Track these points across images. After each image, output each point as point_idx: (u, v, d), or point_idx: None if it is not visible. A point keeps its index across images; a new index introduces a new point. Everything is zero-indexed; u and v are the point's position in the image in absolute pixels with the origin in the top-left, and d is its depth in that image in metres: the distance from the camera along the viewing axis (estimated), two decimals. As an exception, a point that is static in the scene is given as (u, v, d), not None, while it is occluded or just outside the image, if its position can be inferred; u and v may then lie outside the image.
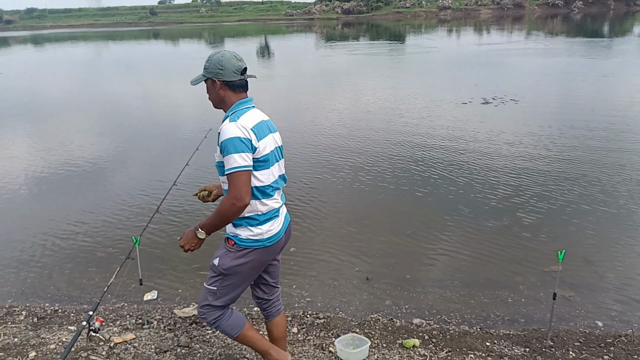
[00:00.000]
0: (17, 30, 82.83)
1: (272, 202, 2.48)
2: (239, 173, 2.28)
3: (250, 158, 2.32)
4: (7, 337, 3.57)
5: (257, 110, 2.53)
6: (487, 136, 8.76)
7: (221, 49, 2.51)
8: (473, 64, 19.52)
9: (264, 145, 2.39)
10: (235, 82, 2.45)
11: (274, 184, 2.49)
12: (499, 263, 4.65)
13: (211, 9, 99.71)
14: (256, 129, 2.37)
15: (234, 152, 2.27)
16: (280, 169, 2.58)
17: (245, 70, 2.48)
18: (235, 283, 2.52)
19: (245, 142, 2.30)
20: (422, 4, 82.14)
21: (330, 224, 5.59)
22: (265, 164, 2.41)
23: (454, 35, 38.90)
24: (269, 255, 2.56)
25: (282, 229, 2.56)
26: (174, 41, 45.23)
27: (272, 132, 2.54)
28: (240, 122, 2.34)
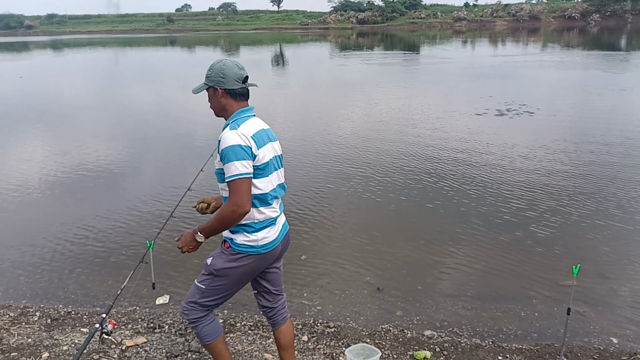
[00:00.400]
0: (38, 36, 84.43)
1: (269, 210, 2.50)
2: (240, 180, 2.30)
3: (251, 165, 2.35)
4: (21, 338, 3.62)
5: (257, 119, 2.56)
6: (500, 148, 8.71)
7: (223, 58, 2.53)
8: (488, 76, 19.46)
9: (264, 154, 2.42)
10: (237, 90, 2.49)
11: (272, 192, 2.50)
12: (511, 276, 4.61)
13: (227, 17, 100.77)
14: (256, 137, 2.40)
15: (234, 160, 2.30)
16: (279, 177, 2.59)
17: (247, 79, 2.52)
18: (225, 286, 2.54)
19: (245, 149, 2.32)
20: (437, 15, 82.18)
21: (341, 233, 5.59)
22: (264, 172, 2.43)
23: (469, 47, 38.86)
24: (263, 262, 2.56)
25: (278, 237, 2.57)
26: (190, 48, 45.75)
27: (272, 141, 2.56)
28: (240, 130, 2.37)
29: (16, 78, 22.70)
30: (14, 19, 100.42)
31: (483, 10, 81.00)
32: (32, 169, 8.24)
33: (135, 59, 35.54)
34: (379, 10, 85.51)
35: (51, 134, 11.14)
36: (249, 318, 3.92)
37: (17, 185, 7.41)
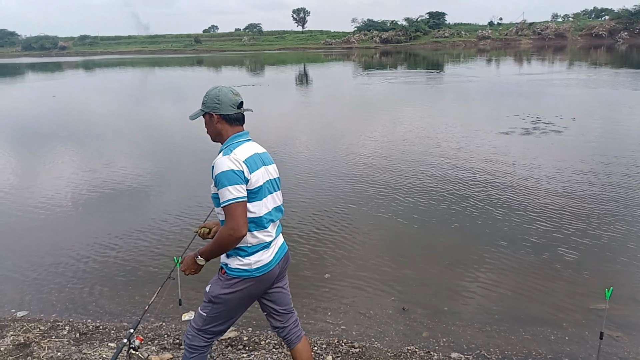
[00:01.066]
0: (71, 56, 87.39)
1: (263, 234, 2.52)
2: (235, 205, 2.34)
3: (244, 189, 2.38)
4: (51, 351, 3.69)
5: (251, 143, 2.60)
6: (526, 168, 8.58)
7: (219, 85, 2.59)
8: (513, 94, 19.29)
9: (257, 178, 2.45)
10: (232, 115, 2.53)
11: (267, 215, 2.52)
12: (540, 299, 4.51)
13: (253, 37, 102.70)
14: (249, 162, 2.44)
15: (228, 185, 2.34)
16: (275, 200, 2.62)
17: (242, 105, 2.57)
18: (224, 312, 2.57)
19: (238, 174, 2.37)
20: (461, 34, 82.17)
21: (364, 252, 5.56)
22: (257, 195, 2.46)
23: (494, 65, 38.66)
24: (259, 286, 2.57)
25: (273, 260, 2.58)
26: (216, 68, 46.68)
27: (266, 165, 2.59)
28: (233, 155, 2.41)
29: (49, 97, 23.48)
30: (49, 40, 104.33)
31: (508, 28, 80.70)
32: (62, 185, 8.46)
33: (163, 79, 36.41)
34: (402, 29, 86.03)
35: (81, 151, 11.45)
36: (273, 336, 3.92)
37: (48, 201, 7.62)
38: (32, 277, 5.17)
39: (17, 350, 3.70)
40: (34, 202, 7.56)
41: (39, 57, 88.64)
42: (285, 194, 4.34)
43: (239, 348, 3.73)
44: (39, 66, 58.53)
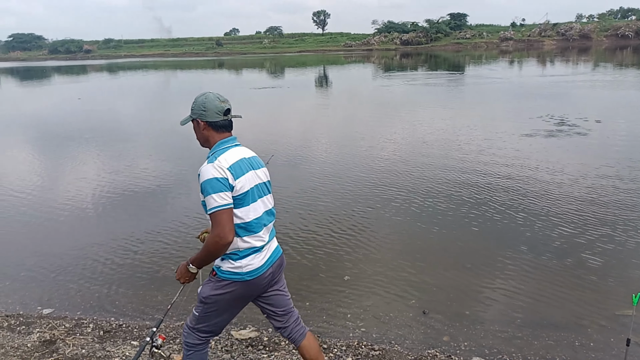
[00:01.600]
0: (95, 59, 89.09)
1: (254, 239, 2.54)
2: (220, 212, 2.37)
3: (229, 196, 2.41)
4: (75, 348, 3.76)
5: (238, 149, 2.61)
6: (550, 171, 8.44)
7: (207, 91, 2.61)
8: (536, 96, 19.00)
9: (242, 184, 2.47)
10: (219, 122, 2.56)
11: (257, 220, 2.54)
12: (563, 304, 4.43)
13: (273, 40, 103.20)
14: (233, 168, 2.46)
15: (212, 193, 2.38)
16: (266, 204, 2.64)
17: (229, 112, 2.59)
18: (216, 312, 2.61)
19: (222, 181, 2.39)
20: (483, 35, 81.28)
21: (383, 255, 5.54)
22: (243, 201, 2.48)
23: (516, 66, 38.13)
24: (251, 289, 2.59)
25: (265, 264, 2.59)
26: (237, 71, 47.05)
27: (255, 169, 2.61)
28: (217, 162, 2.44)
29: (75, 100, 23.97)
30: (74, 44, 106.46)
31: (531, 29, 79.52)
32: (86, 186, 8.63)
33: (185, 82, 36.85)
34: (423, 31, 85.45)
35: (104, 153, 11.65)
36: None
37: (71, 202, 7.78)
38: (57, 276, 5.28)
39: (43, 347, 3.79)
40: (58, 203, 7.73)
41: (65, 60, 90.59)
42: (303, 197, 4.42)
43: (259, 348, 3.75)
44: (64, 69, 59.82)
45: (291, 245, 5.78)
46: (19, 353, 3.68)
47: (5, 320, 4.30)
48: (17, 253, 5.90)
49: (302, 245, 5.78)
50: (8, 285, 5.12)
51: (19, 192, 8.30)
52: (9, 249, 6.05)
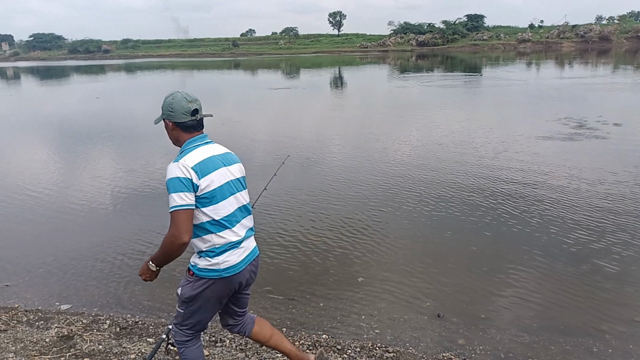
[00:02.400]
0: (114, 59, 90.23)
1: (230, 234, 2.55)
2: (177, 212, 2.37)
3: (190, 197, 2.40)
4: (92, 344, 3.81)
5: (208, 146, 2.60)
6: (567, 175, 8.32)
7: (175, 91, 2.62)
8: (554, 98, 18.77)
9: (208, 182, 2.46)
10: (186, 123, 2.57)
11: (230, 217, 2.55)
12: (581, 310, 4.36)
13: (289, 41, 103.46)
14: (199, 167, 2.45)
15: (172, 192, 2.38)
16: (239, 200, 2.63)
17: (197, 112, 2.58)
18: (199, 311, 2.63)
19: (184, 181, 2.39)
20: (500, 37, 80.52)
21: (397, 257, 5.51)
22: (212, 199, 2.48)
23: (534, 68, 37.70)
24: (229, 285, 2.60)
25: (242, 262, 2.60)
26: (252, 71, 47.26)
27: (227, 166, 2.60)
28: (182, 162, 2.45)
29: (93, 99, 24.29)
30: (93, 44, 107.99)
31: (549, 31, 78.59)
32: (102, 185, 8.74)
33: (201, 81, 37.13)
34: (439, 32, 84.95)
35: (121, 152, 11.78)
36: (307, 337, 3.93)
37: (89, 200, 7.89)
38: (74, 273, 5.36)
39: (61, 342, 3.84)
40: (76, 201, 7.84)
41: (84, 59, 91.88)
42: (317, 198, 4.35)
43: (273, 348, 3.75)
44: (83, 68, 60.67)
45: (305, 247, 5.78)
46: (38, 347, 3.74)
47: (24, 315, 4.38)
48: (37, 250, 6.00)
49: (316, 246, 5.78)
50: (27, 280, 5.20)
51: (38, 190, 8.44)
52: (29, 245, 6.15)
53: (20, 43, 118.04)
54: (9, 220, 7.05)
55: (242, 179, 2.72)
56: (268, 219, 6.62)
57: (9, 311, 4.47)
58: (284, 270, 5.22)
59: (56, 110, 20.91)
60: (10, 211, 7.43)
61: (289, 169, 8.18)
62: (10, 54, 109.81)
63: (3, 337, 3.92)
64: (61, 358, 3.56)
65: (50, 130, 15.41)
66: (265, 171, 8.65)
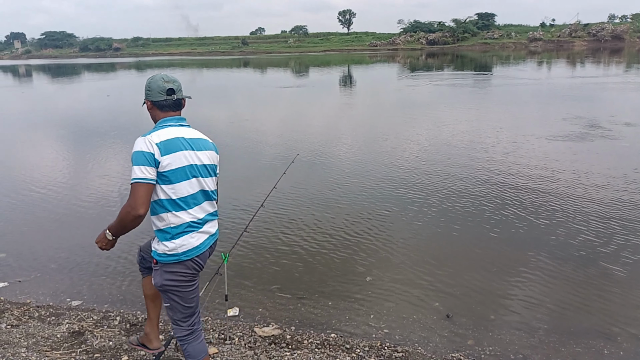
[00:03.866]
0: (124, 57, 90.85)
1: (186, 215, 2.59)
2: (136, 185, 2.44)
3: (151, 171, 2.46)
4: (103, 340, 3.84)
5: (179, 128, 2.66)
6: (577, 176, 8.23)
7: (156, 73, 2.72)
8: (566, 97, 18.61)
9: (169, 161, 2.51)
10: (161, 102, 2.65)
11: (188, 198, 2.58)
12: (591, 312, 4.32)
13: (299, 39, 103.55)
14: (164, 145, 2.51)
15: (134, 165, 2.46)
16: (202, 185, 2.65)
17: (172, 92, 2.65)
18: (178, 296, 2.68)
19: (147, 156, 2.46)
20: (511, 36, 79.98)
21: (405, 257, 5.49)
22: (171, 178, 2.53)
23: (545, 67, 37.40)
24: (194, 266, 2.66)
25: (202, 245, 2.66)
26: (262, 69, 47.36)
27: (196, 150, 2.64)
28: (149, 137, 2.52)
29: (104, 96, 24.48)
30: (104, 42, 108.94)
31: (560, 30, 77.98)
32: (114, 182, 8.79)
33: (210, 79, 37.26)
34: (449, 30, 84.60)
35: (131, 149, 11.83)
36: (315, 336, 3.94)
37: (100, 197, 7.94)
38: (85, 269, 5.40)
39: (72, 338, 3.88)
40: (87, 198, 7.90)
41: (95, 57, 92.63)
42: (326, 197, 4.25)
43: (282, 346, 3.77)
44: (94, 66, 61.15)
45: (313, 245, 5.79)
46: (49, 343, 3.78)
47: (36, 311, 4.42)
48: (48, 246, 6.06)
49: (325, 245, 5.78)
50: (39, 277, 5.26)
51: (49, 188, 8.52)
52: (41, 242, 6.22)
53: (32, 41, 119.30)
54: (21, 217, 7.13)
55: (211, 166, 2.75)
56: (277, 217, 6.63)
57: (21, 307, 4.53)
58: (292, 269, 5.22)
59: (67, 108, 21.10)
60: (22, 208, 7.51)
61: (298, 168, 8.19)
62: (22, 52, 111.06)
63: (15, 332, 3.96)
64: (72, 354, 3.59)
65: (61, 127, 15.54)
66: (275, 169, 8.69)
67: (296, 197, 7.49)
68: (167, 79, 2.66)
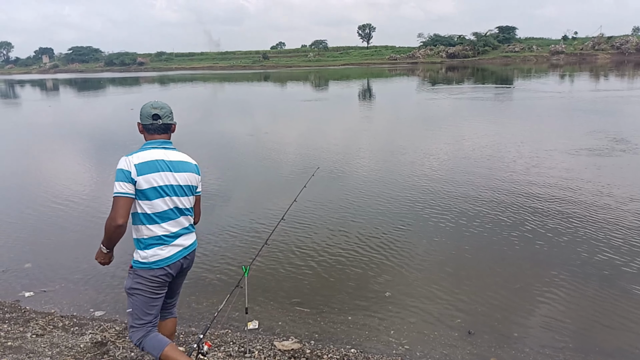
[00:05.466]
0: (148, 71, 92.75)
1: (158, 228, 2.88)
2: (116, 198, 2.76)
3: (129, 187, 2.77)
4: (125, 351, 3.88)
5: (161, 151, 2.93)
6: (602, 192, 8.06)
7: (152, 100, 3.03)
8: (589, 111, 18.33)
9: (144, 180, 2.80)
10: (148, 125, 2.95)
11: (162, 214, 2.87)
12: (616, 332, 4.21)
13: (318, 53, 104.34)
14: (141, 166, 2.81)
15: (115, 181, 2.77)
16: (175, 203, 2.92)
17: (157, 117, 2.92)
18: (142, 301, 2.92)
19: (125, 173, 2.77)
20: (533, 49, 79.34)
21: (425, 273, 5.44)
22: (148, 195, 2.82)
23: (567, 80, 36.94)
24: (163, 277, 2.91)
25: (173, 256, 2.92)
26: (282, 83, 47.79)
27: (174, 172, 2.91)
28: (130, 158, 2.82)
29: (128, 110, 24.95)
30: (128, 57, 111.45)
31: (583, 43, 77.10)
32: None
33: (232, 93, 37.74)
34: (470, 44, 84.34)
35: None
36: (335, 351, 3.92)
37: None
38: (108, 280, 5.47)
39: (95, 348, 3.93)
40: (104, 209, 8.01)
41: (119, 72, 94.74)
42: (344, 211, 4.16)
43: (302, 361, 3.75)
44: (119, 80, 62.51)
45: (333, 259, 5.78)
46: (73, 353, 3.84)
47: (60, 321, 4.50)
48: (73, 257, 6.16)
49: (344, 259, 5.77)
50: (63, 287, 5.35)
51: (73, 199, 8.69)
52: (65, 253, 6.33)
53: (59, 56, 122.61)
54: (46, 228, 7.28)
55: (188, 187, 3.00)
56: (297, 230, 6.64)
57: (46, 316, 4.61)
58: (311, 283, 5.22)
59: (92, 121, 21.57)
60: (47, 219, 7.68)
61: (318, 181, 8.21)
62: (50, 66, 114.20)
63: (40, 341, 4.03)
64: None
65: (85, 140, 15.88)
66: (295, 182, 8.72)
67: (316, 210, 7.50)
68: (155, 106, 2.95)
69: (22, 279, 5.57)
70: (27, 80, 74.71)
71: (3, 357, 3.60)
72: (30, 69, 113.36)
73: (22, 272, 5.76)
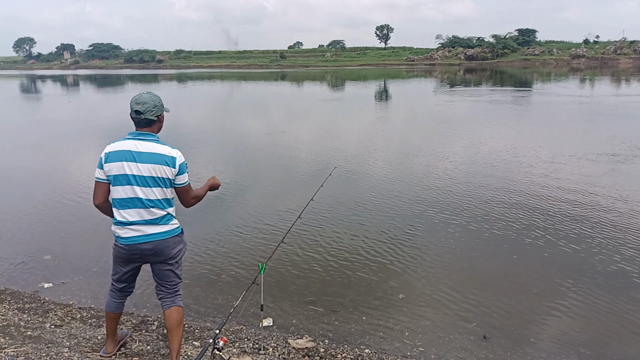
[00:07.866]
0: (166, 69, 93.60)
1: (117, 214, 3.15)
2: (95, 182, 3.19)
3: (100, 173, 3.15)
4: (141, 344, 3.93)
5: (132, 142, 3.13)
6: (620, 200, 7.92)
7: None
8: (609, 116, 18.04)
9: (109, 168, 3.10)
10: (133, 118, 3.19)
11: (121, 201, 3.11)
12: (636, 341, 4.14)
13: (336, 53, 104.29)
14: (110, 154, 3.11)
15: (97, 167, 3.16)
16: (135, 192, 3.09)
17: (138, 112, 3.12)
18: (113, 264, 3.38)
19: (100, 160, 3.14)
20: (553, 52, 78.33)
21: (440, 275, 5.40)
22: (112, 181, 3.13)
23: (588, 85, 36.38)
24: (126, 252, 3.21)
25: (128, 239, 3.15)
26: (298, 83, 47.86)
27: (137, 162, 3.08)
28: (107, 146, 3.16)
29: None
30: (148, 54, 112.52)
31: (605, 47, 75.90)
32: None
33: (249, 92, 37.90)
34: (489, 46, 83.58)
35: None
36: (349, 351, 3.92)
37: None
38: (126, 273, 5.53)
39: (112, 340, 3.97)
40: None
41: (139, 69, 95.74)
42: (360, 212, 4.09)
43: (316, 359, 3.76)
44: (137, 77, 63.19)
45: (348, 259, 5.77)
46: (90, 344, 3.89)
47: (78, 312, 4.57)
48: (91, 249, 6.25)
49: (359, 259, 5.76)
50: (82, 279, 5.43)
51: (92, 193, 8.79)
52: (84, 245, 6.43)
53: (80, 52, 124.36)
54: (66, 221, 7.40)
55: (151, 178, 3.12)
56: (314, 229, 6.65)
57: (64, 307, 4.68)
58: (326, 282, 5.23)
59: (111, 116, 21.84)
60: (66, 212, 7.80)
61: (335, 181, 8.21)
62: (71, 62, 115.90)
63: (59, 332, 4.10)
64: (112, 356, 3.68)
65: (104, 136, 16.08)
66: (312, 181, 8.72)
67: (333, 210, 7.51)
68: (138, 101, 3.15)
69: (41, 270, 5.67)
70: (49, 75, 75.94)
71: (23, 346, 3.66)
72: (52, 65, 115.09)
73: (41, 263, 5.86)
